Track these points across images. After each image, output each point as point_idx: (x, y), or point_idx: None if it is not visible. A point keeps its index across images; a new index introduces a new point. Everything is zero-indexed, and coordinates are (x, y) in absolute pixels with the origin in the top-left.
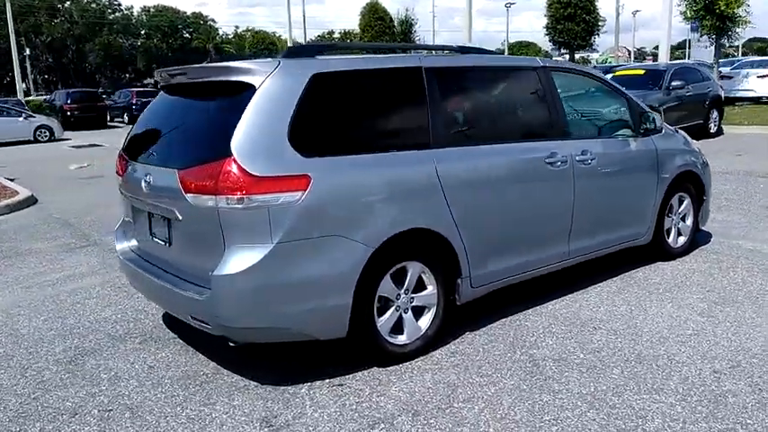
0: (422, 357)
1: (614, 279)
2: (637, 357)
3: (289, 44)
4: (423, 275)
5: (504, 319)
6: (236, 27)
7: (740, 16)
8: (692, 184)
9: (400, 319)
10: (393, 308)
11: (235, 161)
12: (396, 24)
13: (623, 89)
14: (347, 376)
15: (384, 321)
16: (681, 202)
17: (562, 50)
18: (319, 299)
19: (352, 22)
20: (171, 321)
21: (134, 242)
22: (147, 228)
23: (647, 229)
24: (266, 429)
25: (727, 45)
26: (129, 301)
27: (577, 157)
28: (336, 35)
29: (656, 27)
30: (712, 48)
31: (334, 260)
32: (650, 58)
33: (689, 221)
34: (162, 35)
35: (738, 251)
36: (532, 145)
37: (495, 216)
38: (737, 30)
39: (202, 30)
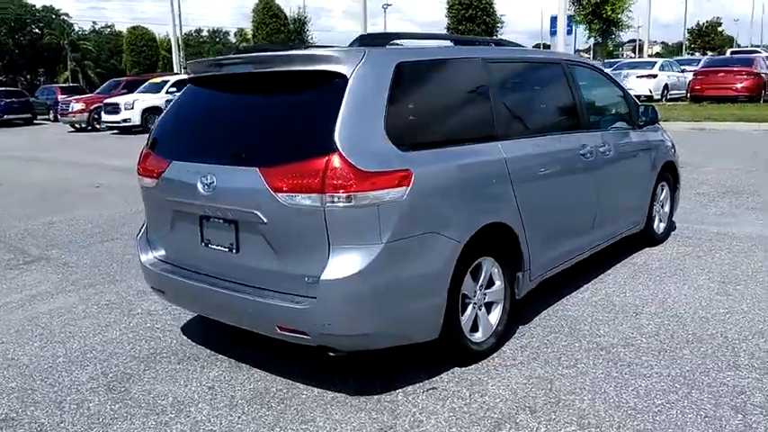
0: (495, 354)
1: (617, 266)
2: (694, 338)
3: (173, 41)
4: (492, 270)
5: (546, 311)
6: (94, 23)
7: (623, 21)
8: (670, 174)
9: (476, 316)
10: (471, 305)
11: (341, 156)
12: (290, 22)
13: (620, 83)
14: (434, 379)
15: (465, 320)
16: (662, 191)
17: None
18: (421, 299)
19: (215, 21)
20: (197, 337)
21: (167, 251)
22: (196, 234)
23: (643, 217)
24: None
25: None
26: (130, 318)
27: (600, 149)
28: (204, 33)
29: (510, 32)
30: (570, 49)
31: (432, 258)
32: None
33: (666, 208)
34: (8, 30)
35: (707, 235)
36: (569, 136)
37: (548, 207)
38: (621, 32)
39: (55, 24)
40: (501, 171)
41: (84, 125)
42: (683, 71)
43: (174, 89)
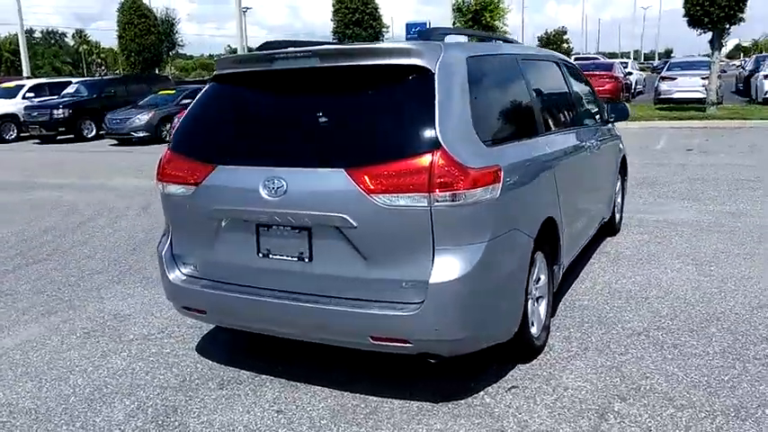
0: (546, 348)
1: (595, 256)
2: (710, 317)
3: (21, 42)
4: (540, 265)
5: (563, 302)
6: None
7: (499, 27)
8: (622, 167)
9: (531, 311)
10: (529, 301)
11: (445, 152)
12: (159, 23)
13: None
14: (506, 378)
15: (529, 315)
16: (618, 182)
17: None
18: (511, 298)
19: (42, 21)
20: (221, 357)
21: (205, 266)
22: (250, 245)
23: (610, 207)
24: None
25: None
26: (127, 345)
27: (593, 143)
28: (37, 35)
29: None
30: None
31: (516, 255)
32: None
33: (619, 199)
34: None
35: (651, 223)
36: (576, 131)
37: (572, 200)
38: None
39: None
40: (549, 165)
41: None
42: None
43: (33, 94)
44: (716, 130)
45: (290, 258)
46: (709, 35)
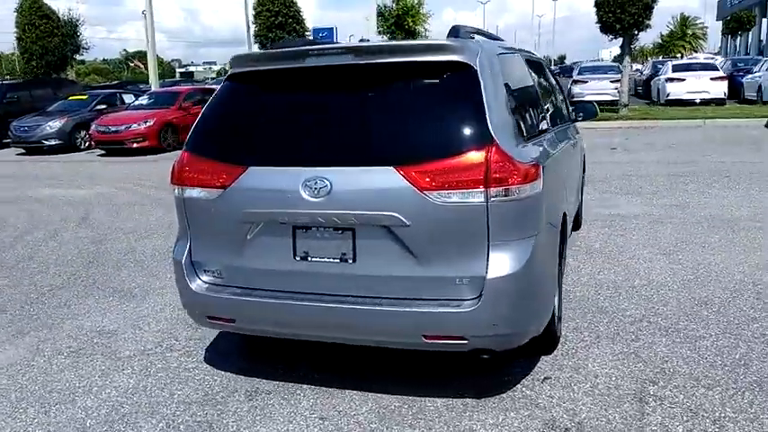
0: (561, 339)
1: (568, 248)
2: (698, 301)
3: None
4: None
5: None
6: None
7: (421, 32)
8: (583, 163)
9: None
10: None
11: (499, 148)
12: (62, 24)
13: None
14: (536, 371)
15: (554, 307)
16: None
17: None
18: (549, 290)
19: None
20: (233, 367)
21: (230, 272)
22: (285, 248)
23: (578, 201)
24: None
25: None
26: (128, 362)
27: (574, 139)
28: None
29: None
30: None
31: (551, 248)
32: None
33: (580, 195)
34: None
35: (606, 217)
36: (566, 127)
37: (570, 195)
38: None
39: None
40: (561, 161)
41: None
42: None
43: None
44: (631, 130)
45: (331, 260)
46: (620, 41)
